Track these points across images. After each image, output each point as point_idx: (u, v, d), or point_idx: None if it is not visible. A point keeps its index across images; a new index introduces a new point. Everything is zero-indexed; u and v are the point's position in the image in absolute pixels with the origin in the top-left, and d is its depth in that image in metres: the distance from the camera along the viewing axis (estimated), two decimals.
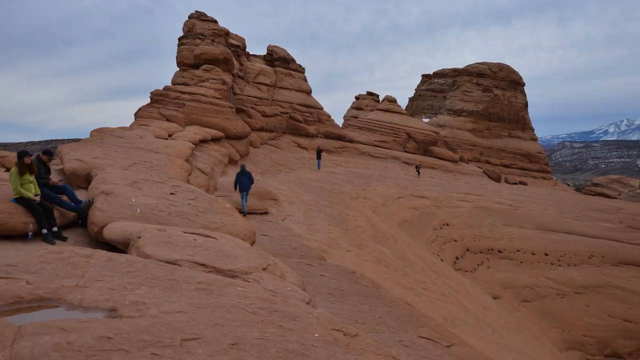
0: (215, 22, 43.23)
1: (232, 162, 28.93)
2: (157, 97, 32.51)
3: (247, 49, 53.45)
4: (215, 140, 28.73)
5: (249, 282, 5.11)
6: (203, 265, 5.23)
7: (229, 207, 9.72)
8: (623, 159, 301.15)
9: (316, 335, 3.77)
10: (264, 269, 5.77)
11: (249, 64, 51.02)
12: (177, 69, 38.94)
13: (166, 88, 33.60)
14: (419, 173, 49.90)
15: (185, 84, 35.07)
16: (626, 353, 31.56)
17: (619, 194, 75.46)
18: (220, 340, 3.23)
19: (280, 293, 4.94)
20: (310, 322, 4.03)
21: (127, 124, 26.34)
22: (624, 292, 34.96)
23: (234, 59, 40.60)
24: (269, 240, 13.10)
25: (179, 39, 40.73)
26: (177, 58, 38.91)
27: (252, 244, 8.29)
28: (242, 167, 18.19)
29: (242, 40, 52.82)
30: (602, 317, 33.00)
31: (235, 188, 17.64)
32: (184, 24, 42.73)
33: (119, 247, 6.43)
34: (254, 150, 37.49)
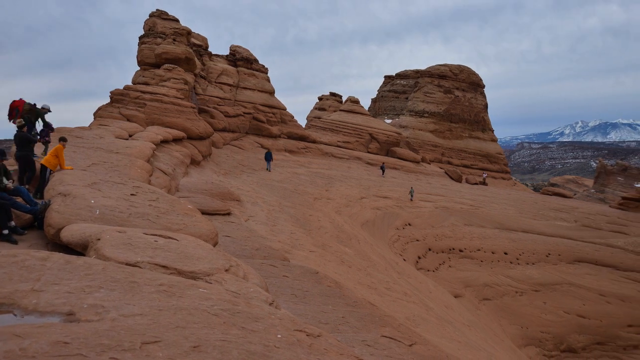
0: (177, 21, 42.70)
1: (194, 162, 28.61)
2: (117, 97, 31.92)
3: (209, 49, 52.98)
4: (177, 140, 28.37)
5: (211, 283, 5.05)
6: (164, 267, 5.16)
7: (191, 208, 9.61)
8: (578, 160, 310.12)
9: (279, 336, 3.76)
10: (226, 270, 5.72)
11: (211, 63, 50.57)
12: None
13: (126, 87, 33.02)
14: (383, 172, 50.55)
15: (146, 84, 34.54)
16: (580, 347, 32.50)
17: (575, 194, 77.72)
18: (181, 342, 3.19)
19: (243, 294, 4.90)
20: (273, 323, 4.01)
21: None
22: (578, 289, 35.99)
23: (196, 59, 40.17)
24: (231, 241, 13.00)
25: (140, 38, 40.06)
26: (137, 57, 38.27)
27: (215, 245, 8.21)
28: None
29: (205, 39, 52.33)
30: (558, 314, 33.88)
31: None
32: (144, 22, 42.07)
33: (77, 249, 6.28)
34: (217, 151, 37.18)
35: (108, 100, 32.30)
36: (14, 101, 14.02)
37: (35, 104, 14.43)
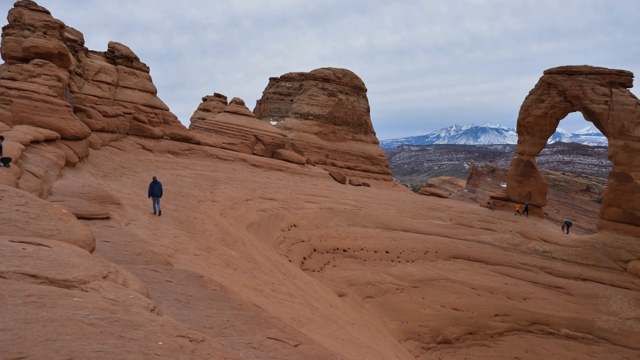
0: (48, 13, 40.12)
1: (69, 164, 26.99)
2: None
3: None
4: (49, 141, 26.60)
5: (87, 291, 4.79)
6: (34, 276, 4.80)
7: (65, 213, 9.05)
8: (453, 162, 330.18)
9: (160, 343, 3.64)
10: (104, 277, 5.45)
11: (88, 60, 47.98)
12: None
13: None
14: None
15: (13, 79, 32.06)
16: (454, 338, 34.63)
17: (450, 194, 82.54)
18: (51, 356, 2.98)
19: (122, 301, 4.69)
20: (154, 330, 3.87)
21: None
22: (453, 284, 38.27)
23: (70, 55, 37.90)
24: (110, 246, 12.41)
25: (4, 29, 37.13)
26: (1, 50, 35.45)
27: (92, 251, 7.80)
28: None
29: (80, 34, 49.58)
30: (436, 308, 35.79)
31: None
32: (9, 12, 39.09)
33: None
34: (95, 152, 35.33)
35: None
36: None
37: None
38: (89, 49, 50.56)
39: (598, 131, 49.63)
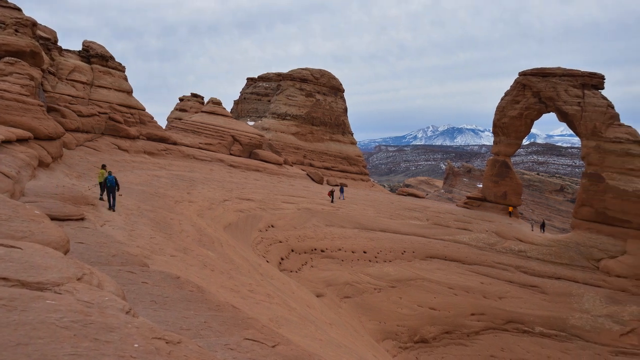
0: (19, 10, 39.41)
1: (43, 165, 26.54)
2: None
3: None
4: (21, 141, 26.12)
5: (60, 294, 4.71)
6: (4, 279, 4.71)
7: (38, 214, 8.90)
8: (430, 162, 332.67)
9: (136, 345, 3.59)
10: (78, 279, 5.36)
11: (61, 59, 47.23)
12: None
13: None
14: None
15: None
16: (431, 337, 34.89)
17: (427, 194, 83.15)
18: None
19: (97, 304, 4.62)
20: (130, 333, 3.82)
21: None
22: (430, 283, 38.54)
23: (43, 53, 37.26)
24: (85, 248, 12.24)
25: None
26: None
27: (66, 252, 7.68)
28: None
29: (53, 33, 48.79)
30: (413, 307, 36.01)
31: None
32: None
33: None
34: (69, 152, 34.81)
35: None
36: None
37: None
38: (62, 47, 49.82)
39: (571, 132, 50.44)
